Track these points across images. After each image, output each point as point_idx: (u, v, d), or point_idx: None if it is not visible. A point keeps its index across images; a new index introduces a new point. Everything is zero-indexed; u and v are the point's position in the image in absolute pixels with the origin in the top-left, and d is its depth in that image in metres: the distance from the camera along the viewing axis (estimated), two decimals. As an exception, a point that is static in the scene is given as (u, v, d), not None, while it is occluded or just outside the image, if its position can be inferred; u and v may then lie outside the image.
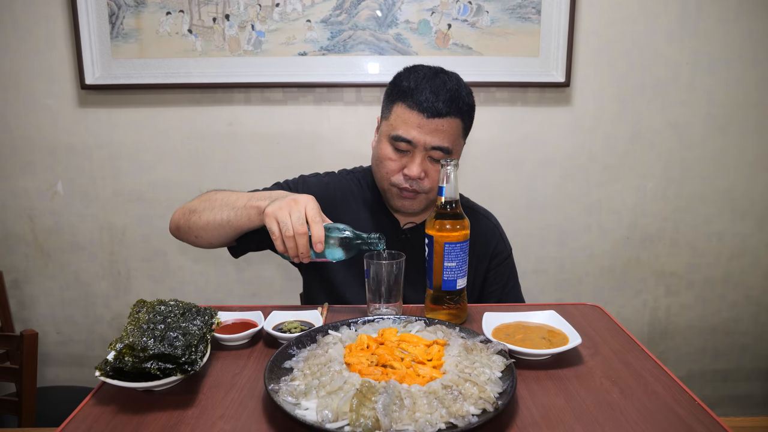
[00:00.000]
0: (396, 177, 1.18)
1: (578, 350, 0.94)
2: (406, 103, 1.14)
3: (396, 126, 1.15)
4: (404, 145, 1.15)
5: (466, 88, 1.18)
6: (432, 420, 0.69)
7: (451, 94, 1.13)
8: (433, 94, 1.12)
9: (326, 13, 1.85)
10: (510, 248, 1.38)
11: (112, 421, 0.76)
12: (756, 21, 1.89)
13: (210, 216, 1.13)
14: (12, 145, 1.96)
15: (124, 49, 1.87)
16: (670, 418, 0.76)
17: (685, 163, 2.01)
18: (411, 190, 1.18)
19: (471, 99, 1.19)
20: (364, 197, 1.32)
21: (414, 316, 0.99)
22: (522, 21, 1.86)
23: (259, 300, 2.08)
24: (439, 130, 1.13)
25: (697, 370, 2.18)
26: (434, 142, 1.13)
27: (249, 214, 1.08)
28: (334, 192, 1.31)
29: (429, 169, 1.17)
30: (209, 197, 1.17)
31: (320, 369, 0.80)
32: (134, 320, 0.85)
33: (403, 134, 1.14)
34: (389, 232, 1.29)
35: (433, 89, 1.12)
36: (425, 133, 1.13)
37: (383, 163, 1.19)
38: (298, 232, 0.99)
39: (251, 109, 1.94)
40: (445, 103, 1.12)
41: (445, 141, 1.14)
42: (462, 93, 1.15)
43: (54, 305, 2.09)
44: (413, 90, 1.13)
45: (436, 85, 1.13)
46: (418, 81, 1.14)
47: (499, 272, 1.34)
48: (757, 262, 2.09)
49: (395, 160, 1.17)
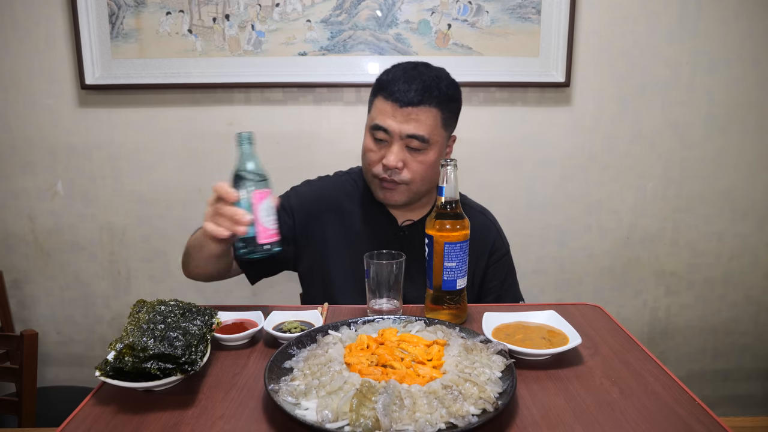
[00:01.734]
0: (376, 168, 1.21)
1: (578, 350, 0.94)
2: (382, 94, 1.18)
3: (374, 116, 1.20)
4: (382, 134, 1.18)
5: (447, 80, 1.20)
6: (432, 420, 0.69)
7: (425, 84, 1.16)
8: (406, 84, 1.15)
9: (326, 13, 1.85)
10: (508, 245, 1.38)
11: (112, 421, 0.76)
12: (756, 21, 1.89)
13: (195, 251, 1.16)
14: (12, 145, 1.96)
15: (124, 49, 1.87)
16: (670, 418, 0.76)
17: (685, 163, 2.01)
18: (390, 181, 1.20)
19: (451, 90, 1.21)
20: (361, 196, 1.32)
21: (414, 316, 0.99)
22: (522, 21, 1.86)
23: (259, 300, 2.08)
24: (413, 118, 1.16)
25: (697, 370, 2.18)
26: (409, 131, 1.16)
27: (209, 243, 1.07)
28: (329, 194, 1.32)
29: (408, 160, 1.19)
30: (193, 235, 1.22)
31: (320, 369, 0.80)
32: (134, 320, 0.85)
33: (379, 122, 1.17)
34: (387, 230, 1.29)
35: (406, 80, 1.16)
36: (400, 121, 1.16)
37: (365, 155, 1.23)
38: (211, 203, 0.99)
39: (251, 109, 1.94)
40: (418, 92, 1.15)
41: (420, 129, 1.16)
42: (440, 84, 1.18)
43: (54, 305, 2.09)
44: (389, 82, 1.18)
45: (412, 76, 1.17)
46: (396, 73, 1.18)
47: (498, 269, 1.34)
48: (757, 262, 2.09)
49: (375, 151, 1.20)
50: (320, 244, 1.30)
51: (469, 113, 1.95)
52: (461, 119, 1.26)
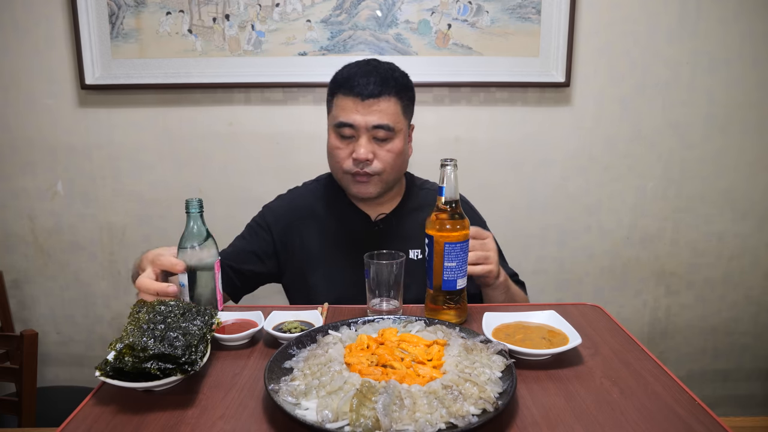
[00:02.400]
0: (347, 163, 1.22)
1: (578, 350, 0.94)
2: (341, 92, 1.21)
3: (337, 115, 1.22)
4: (348, 130, 1.20)
5: (399, 71, 1.25)
6: (432, 420, 0.69)
7: (382, 76, 1.20)
8: (365, 78, 1.19)
9: (326, 13, 1.85)
10: (481, 218, 1.40)
11: (112, 421, 0.76)
12: (756, 21, 1.89)
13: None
14: (12, 145, 1.96)
15: (124, 49, 1.87)
16: (670, 418, 0.76)
17: (685, 163, 2.01)
18: (363, 173, 1.22)
19: (405, 80, 1.25)
20: (331, 200, 1.35)
21: (414, 316, 0.99)
22: (522, 21, 1.86)
23: (259, 300, 2.07)
24: (376, 109, 1.19)
25: (697, 370, 2.18)
26: (374, 121, 1.19)
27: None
28: (301, 203, 1.36)
29: (377, 150, 1.21)
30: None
31: (320, 369, 0.80)
32: (134, 320, 0.85)
33: (344, 119, 1.20)
34: (362, 227, 1.32)
35: (364, 74, 1.20)
36: (364, 114, 1.19)
37: (332, 153, 1.24)
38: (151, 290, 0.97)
39: (251, 109, 1.94)
40: (377, 84, 1.19)
41: (384, 119, 1.19)
42: (395, 74, 1.23)
43: (54, 305, 2.09)
44: (347, 79, 1.21)
45: (367, 70, 1.21)
46: (351, 70, 1.22)
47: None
48: (757, 262, 2.09)
49: (342, 148, 1.22)
50: (300, 252, 1.32)
51: (469, 113, 1.96)
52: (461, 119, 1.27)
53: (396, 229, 1.32)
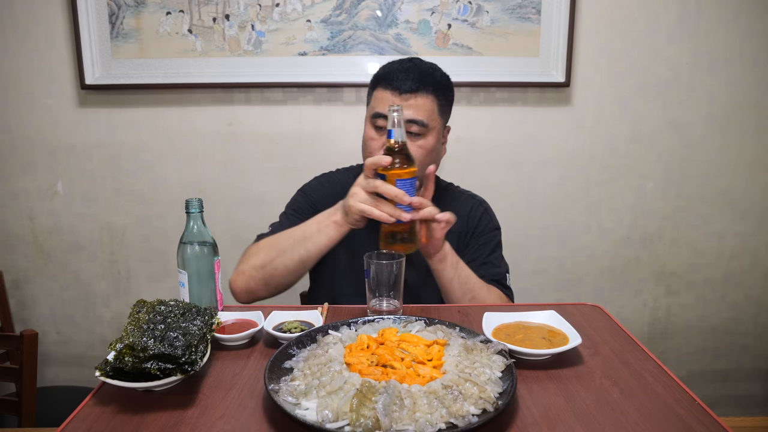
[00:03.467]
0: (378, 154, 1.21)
1: (578, 350, 0.94)
2: (381, 85, 1.24)
3: (374, 106, 1.25)
4: (382, 121, 1.22)
5: (441, 71, 1.28)
6: (432, 420, 0.69)
7: (422, 72, 1.23)
8: (404, 73, 1.22)
9: (326, 13, 1.85)
10: (497, 225, 1.40)
11: (112, 421, 0.76)
12: (756, 21, 1.89)
13: (286, 260, 1.17)
14: (12, 145, 1.96)
15: (124, 49, 1.87)
16: (670, 418, 0.76)
17: (685, 163, 2.01)
18: None
19: (445, 80, 1.28)
20: None
21: (414, 316, 0.99)
22: (522, 21, 1.86)
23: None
24: (412, 104, 1.21)
25: (697, 370, 2.18)
26: (409, 116, 1.20)
27: (328, 234, 1.14)
28: (334, 190, 1.34)
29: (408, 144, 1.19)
30: (268, 246, 1.21)
31: (320, 369, 0.80)
32: (134, 320, 0.85)
33: (380, 110, 1.22)
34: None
35: (403, 70, 1.23)
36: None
37: (367, 144, 1.27)
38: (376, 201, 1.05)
39: (251, 109, 1.94)
40: (415, 80, 1.21)
41: (419, 114, 1.21)
42: (435, 73, 1.25)
43: (54, 305, 2.09)
44: (387, 73, 1.24)
45: (408, 66, 1.24)
46: (393, 66, 1.26)
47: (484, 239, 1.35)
48: (757, 262, 2.09)
49: (376, 139, 1.24)
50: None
51: (469, 113, 1.96)
52: (461, 119, 1.27)
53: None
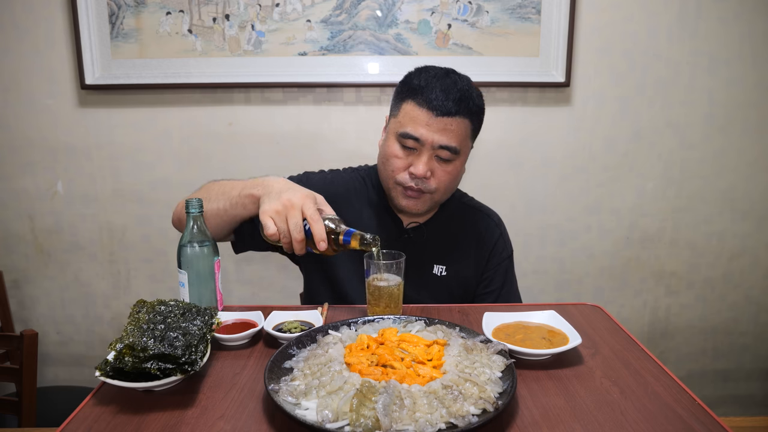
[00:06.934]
0: (401, 175, 1.17)
1: (578, 350, 0.94)
2: (415, 100, 1.14)
3: (404, 123, 1.15)
4: (411, 142, 1.14)
5: (476, 90, 1.18)
6: (432, 420, 0.69)
7: (462, 93, 1.12)
8: (443, 93, 1.11)
9: (326, 13, 1.85)
10: (511, 249, 1.37)
11: (112, 421, 0.76)
12: (756, 21, 1.89)
13: (207, 206, 1.13)
14: (12, 145, 1.96)
15: (124, 49, 1.87)
16: (670, 418, 0.76)
17: (685, 163, 2.01)
18: (416, 190, 1.17)
19: (481, 101, 1.19)
20: (368, 195, 1.31)
21: (414, 316, 0.99)
22: (522, 21, 1.86)
23: (259, 300, 2.08)
24: (448, 129, 1.12)
25: (697, 370, 2.18)
26: (442, 141, 1.13)
27: (244, 203, 1.09)
28: (337, 189, 1.30)
29: (435, 169, 1.16)
30: (208, 188, 1.20)
31: (320, 369, 0.80)
32: (134, 320, 0.85)
33: (411, 131, 1.13)
34: (392, 232, 1.28)
35: (443, 88, 1.12)
36: (433, 131, 1.12)
37: (389, 161, 1.18)
38: (296, 239, 0.99)
39: (251, 109, 1.94)
40: (455, 102, 1.11)
41: (453, 140, 1.13)
42: (472, 94, 1.15)
43: (54, 305, 2.09)
44: (423, 88, 1.13)
45: (447, 84, 1.13)
46: (429, 79, 1.14)
47: (498, 272, 1.33)
48: (757, 262, 2.09)
49: (401, 158, 1.16)
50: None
51: (469, 113, 1.96)
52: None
53: (426, 241, 1.28)
